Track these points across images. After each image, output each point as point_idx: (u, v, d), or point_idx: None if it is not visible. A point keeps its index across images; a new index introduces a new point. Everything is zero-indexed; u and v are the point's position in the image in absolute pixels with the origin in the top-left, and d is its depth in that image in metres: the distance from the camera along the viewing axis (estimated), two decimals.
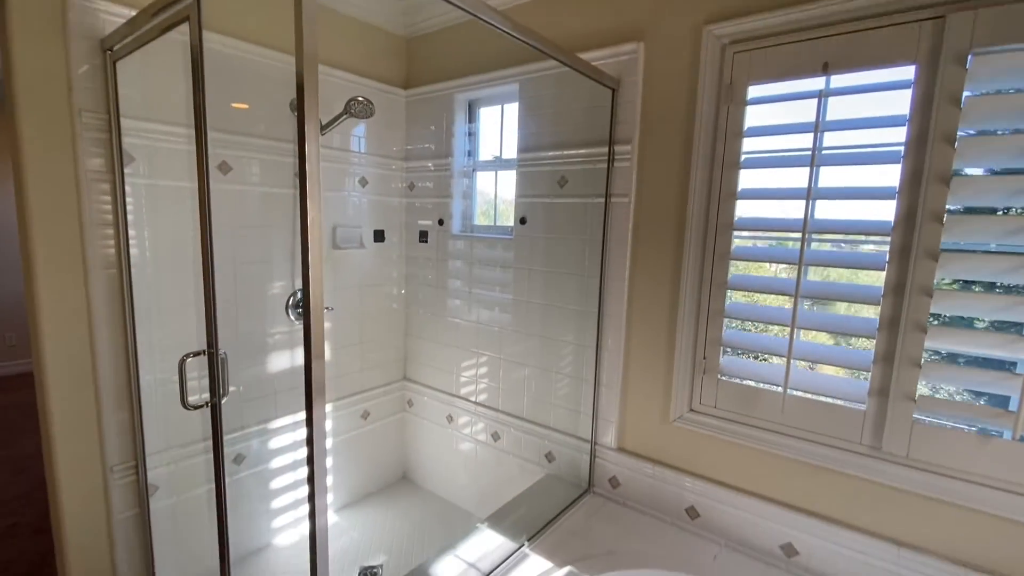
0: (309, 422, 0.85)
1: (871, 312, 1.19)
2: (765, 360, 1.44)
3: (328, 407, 2.02)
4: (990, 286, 1.11)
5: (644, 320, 1.53)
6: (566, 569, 1.27)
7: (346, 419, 2.09)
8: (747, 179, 1.35)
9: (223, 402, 1.11)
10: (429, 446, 2.24)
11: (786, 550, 1.31)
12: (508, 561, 1.32)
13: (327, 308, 1.92)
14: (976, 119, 1.03)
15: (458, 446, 2.11)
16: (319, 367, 0.85)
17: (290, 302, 1.83)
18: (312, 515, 0.87)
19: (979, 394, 1.15)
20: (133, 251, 1.40)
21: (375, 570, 1.79)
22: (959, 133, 1.04)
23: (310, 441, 0.86)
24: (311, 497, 0.87)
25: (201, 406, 1.13)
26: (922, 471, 1.13)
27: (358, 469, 2.17)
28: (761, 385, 1.35)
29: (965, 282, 1.13)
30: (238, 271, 1.68)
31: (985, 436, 1.07)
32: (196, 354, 1.11)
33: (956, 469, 1.10)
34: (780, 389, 1.27)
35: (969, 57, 1.02)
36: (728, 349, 1.40)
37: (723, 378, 1.40)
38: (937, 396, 1.17)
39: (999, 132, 1.05)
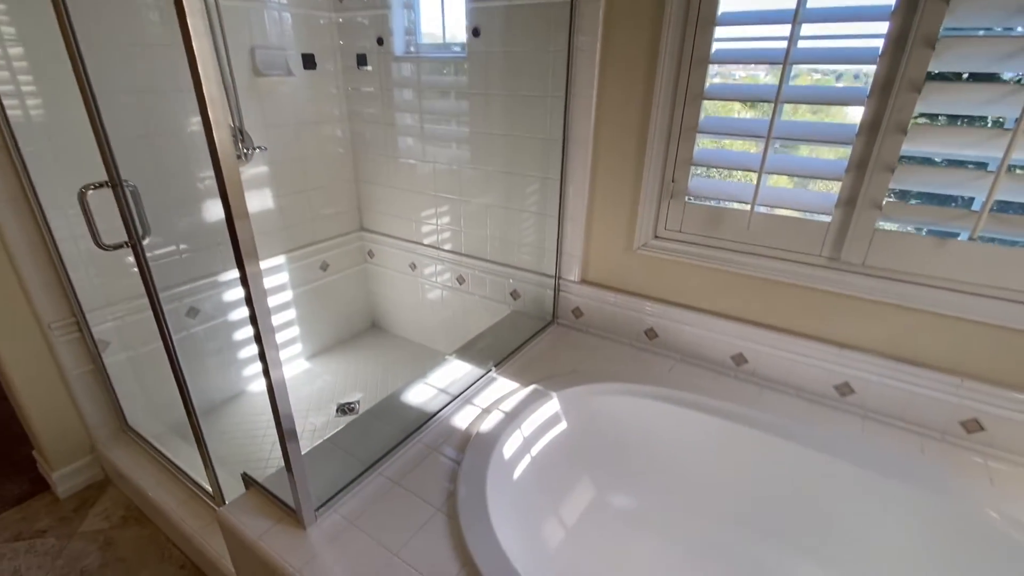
0: (244, 281, 0.76)
1: (853, 116, 1.11)
2: (731, 179, 1.38)
3: (281, 258, 1.93)
4: (983, 75, 1.02)
5: (612, 144, 1.41)
6: (531, 387, 1.33)
7: (304, 271, 2.02)
8: None
9: (145, 243, 0.99)
10: (395, 294, 2.22)
11: (736, 360, 1.40)
12: (476, 384, 1.37)
13: (259, 148, 1.71)
14: None
15: (424, 292, 2.10)
16: (244, 228, 0.72)
17: None
18: (266, 372, 0.82)
19: (947, 198, 1.13)
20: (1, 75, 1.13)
21: (352, 405, 1.87)
22: None
23: (249, 301, 0.78)
24: (261, 356, 0.81)
25: (120, 245, 1.01)
26: (876, 278, 1.16)
27: (325, 319, 2.16)
28: (728, 204, 1.31)
29: (949, 77, 1.04)
30: (145, 101, 1.42)
31: (941, 239, 1.08)
32: (97, 186, 0.95)
33: (909, 273, 1.13)
34: (748, 207, 1.23)
35: None
36: (700, 170, 1.33)
37: (691, 200, 1.35)
38: (904, 202, 1.15)
39: None
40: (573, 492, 1.30)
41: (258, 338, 0.79)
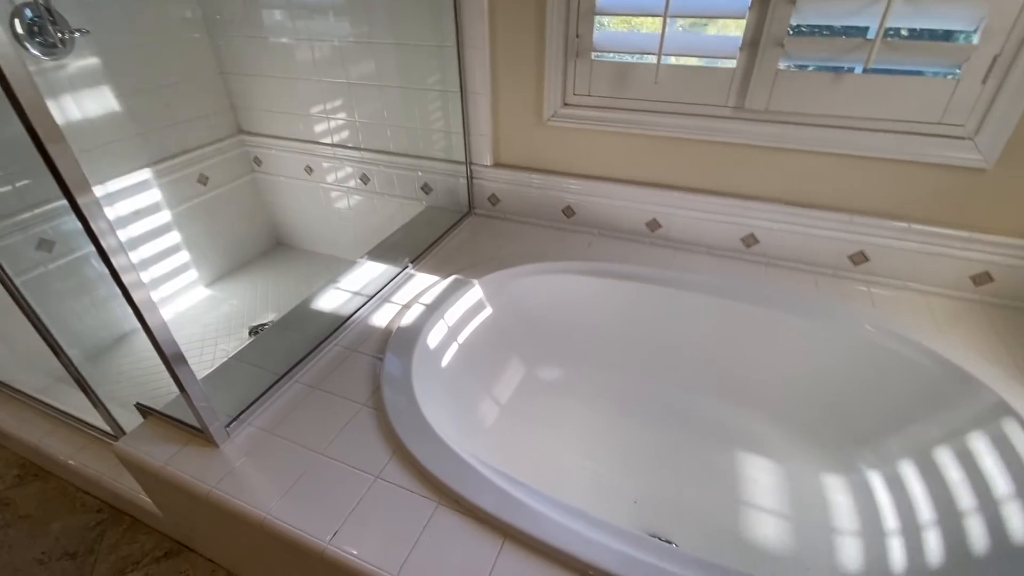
0: (78, 214, 0.61)
1: None
2: (641, 29, 1.29)
3: (146, 173, 1.65)
4: None
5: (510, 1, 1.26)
6: (452, 277, 1.28)
7: (178, 186, 1.75)
8: None
9: None
10: (295, 204, 2.01)
11: (651, 226, 1.41)
12: (392, 283, 1.30)
13: (79, 32, 1.37)
14: None
15: (327, 198, 1.91)
16: (58, 149, 0.56)
17: (18, 22, 1.27)
18: (127, 297, 0.69)
19: (843, 31, 1.12)
20: None
21: (265, 326, 1.74)
22: None
23: (91, 235, 0.63)
24: (127, 298, 0.69)
25: None
26: (777, 123, 1.17)
27: (219, 240, 1.93)
28: (636, 59, 1.23)
29: None
30: None
31: (837, 75, 1.09)
32: None
33: (807, 114, 1.14)
34: (655, 59, 1.16)
35: None
36: (605, 21, 1.22)
37: (597, 56, 1.26)
38: (805, 33, 1.13)
39: None
40: (505, 372, 1.32)
41: (108, 263, 0.66)
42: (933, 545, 0.90)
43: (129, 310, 0.72)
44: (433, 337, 1.14)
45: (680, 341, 1.29)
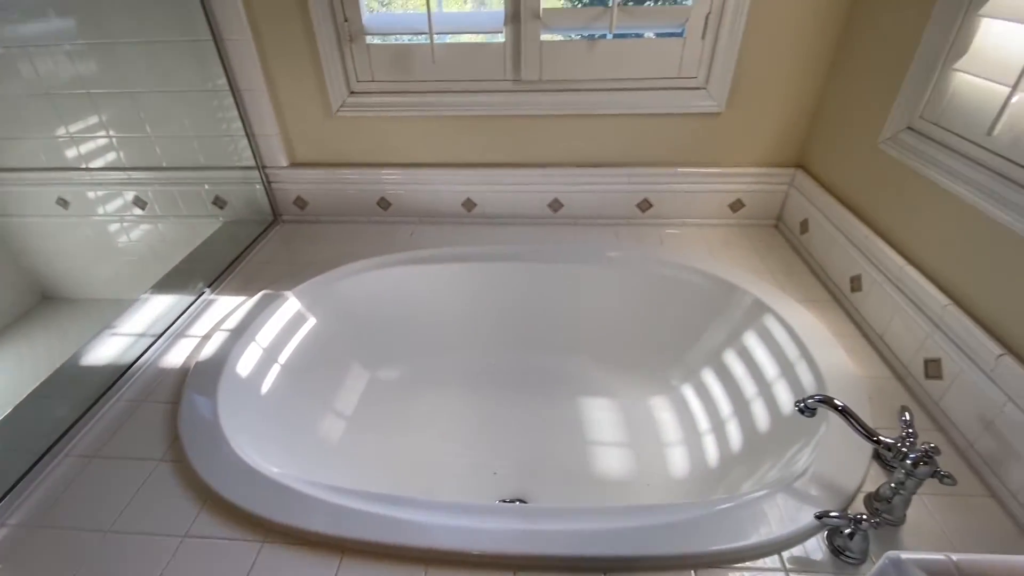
0: None
1: None
2: (411, 9, 1.28)
3: None
4: None
5: None
6: (260, 294, 1.16)
7: None
8: None
9: None
10: (54, 246, 1.65)
11: (467, 205, 1.43)
12: (186, 314, 1.13)
13: None
14: None
15: (95, 234, 1.60)
16: None
17: None
18: None
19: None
20: None
21: None
22: None
23: None
24: None
25: None
26: (553, 92, 1.25)
27: None
28: (410, 39, 1.22)
29: None
30: None
31: (592, 42, 1.19)
32: None
33: (575, 80, 1.24)
34: (427, 40, 1.16)
35: None
36: (371, 4, 1.18)
37: (371, 40, 1.21)
38: (556, 9, 1.21)
39: None
40: (344, 382, 1.24)
41: None
42: (734, 434, 1.06)
43: None
44: (244, 364, 1.02)
45: (510, 310, 1.33)
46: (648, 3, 1.18)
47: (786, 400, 0.99)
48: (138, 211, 1.54)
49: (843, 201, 1.13)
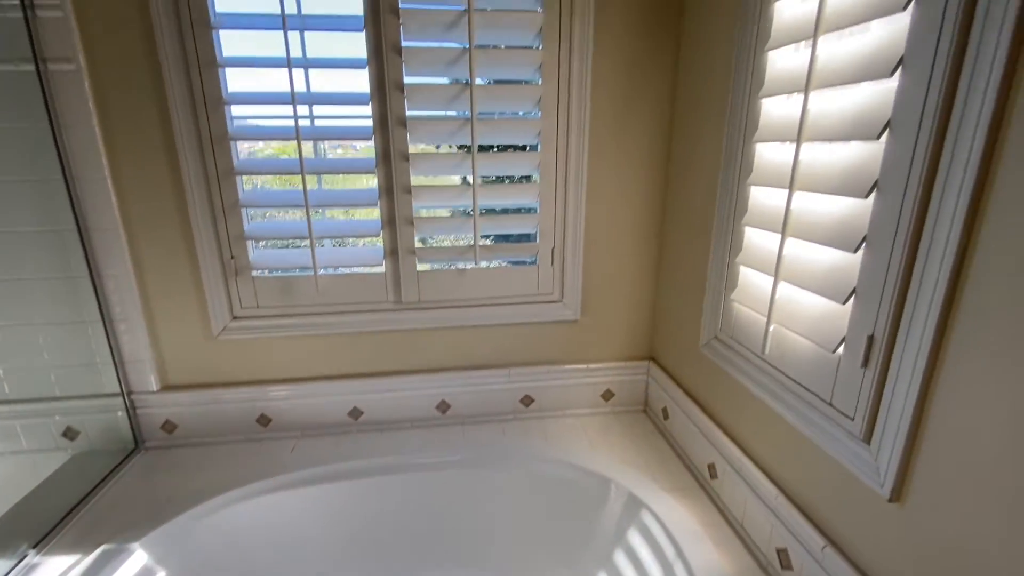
0: None
1: (371, 182, 1.29)
2: (294, 247, 1.41)
3: None
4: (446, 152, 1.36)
5: (152, 229, 1.24)
6: (100, 549, 1.01)
7: None
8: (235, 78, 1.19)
9: None
10: None
11: (353, 414, 1.43)
12: None
13: None
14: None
15: None
16: None
17: None
18: None
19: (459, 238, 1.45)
20: None
21: None
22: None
23: None
24: None
25: None
26: (431, 310, 1.39)
27: None
28: (295, 272, 1.32)
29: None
30: None
31: (461, 270, 1.38)
32: None
33: (450, 300, 1.39)
34: (312, 272, 1.27)
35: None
36: (254, 242, 1.29)
37: (257, 274, 1.30)
38: (428, 245, 1.41)
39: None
40: None
41: None
42: None
43: None
44: None
45: (404, 523, 1.27)
46: (502, 239, 1.42)
47: None
48: None
49: (688, 392, 1.31)
